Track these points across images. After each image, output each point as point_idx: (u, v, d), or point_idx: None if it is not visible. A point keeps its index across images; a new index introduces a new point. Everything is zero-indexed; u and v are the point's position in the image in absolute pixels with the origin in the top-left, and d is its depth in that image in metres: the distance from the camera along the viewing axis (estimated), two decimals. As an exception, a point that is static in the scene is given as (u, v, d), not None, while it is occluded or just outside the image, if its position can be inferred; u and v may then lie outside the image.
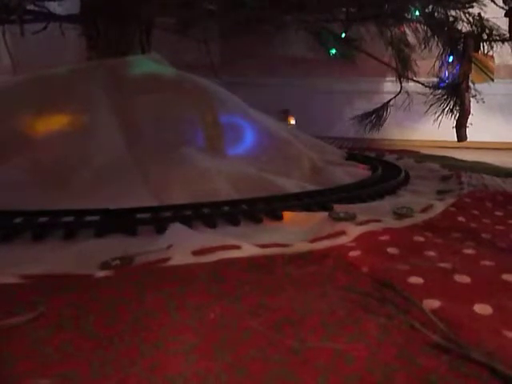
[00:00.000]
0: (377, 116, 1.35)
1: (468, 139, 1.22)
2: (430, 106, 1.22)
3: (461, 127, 1.21)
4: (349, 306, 0.33)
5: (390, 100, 1.35)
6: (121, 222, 0.53)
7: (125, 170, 0.70)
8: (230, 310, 0.33)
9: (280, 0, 0.99)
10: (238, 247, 0.43)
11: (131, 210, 0.56)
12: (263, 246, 0.44)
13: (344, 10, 1.16)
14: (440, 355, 0.27)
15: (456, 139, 1.22)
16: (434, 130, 1.27)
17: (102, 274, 0.38)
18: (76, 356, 0.27)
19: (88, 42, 1.04)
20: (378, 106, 1.36)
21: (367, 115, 1.36)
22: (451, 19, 1.12)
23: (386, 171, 0.90)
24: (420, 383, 0.25)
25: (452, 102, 1.20)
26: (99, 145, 0.76)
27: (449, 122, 1.22)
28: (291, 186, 0.73)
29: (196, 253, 0.42)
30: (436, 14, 1.11)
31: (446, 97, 1.20)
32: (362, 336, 0.29)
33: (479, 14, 1.10)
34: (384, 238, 0.48)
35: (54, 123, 0.79)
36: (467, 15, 1.10)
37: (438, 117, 1.22)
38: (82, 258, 0.43)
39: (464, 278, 0.37)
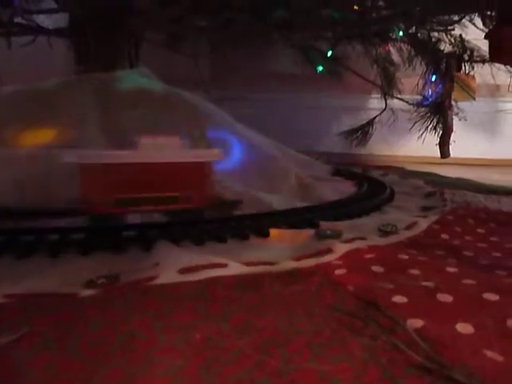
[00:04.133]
0: (363, 132, 1.38)
1: (451, 155, 1.24)
2: (415, 124, 1.24)
3: (444, 144, 1.24)
4: (334, 326, 0.34)
5: (375, 117, 1.38)
6: (107, 239, 0.52)
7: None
8: (217, 330, 0.33)
9: (269, 18, 1.01)
10: (224, 265, 0.43)
11: (117, 227, 0.56)
12: (250, 264, 0.45)
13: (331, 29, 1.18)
14: (423, 376, 0.28)
15: (439, 155, 1.25)
16: (418, 146, 1.30)
17: (87, 293, 0.38)
18: (60, 378, 0.27)
19: (76, 56, 1.04)
20: (364, 122, 1.38)
21: (353, 131, 1.38)
22: (434, 40, 1.16)
23: (371, 187, 0.92)
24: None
25: (435, 120, 1.23)
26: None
27: (432, 139, 1.25)
28: (278, 202, 0.73)
29: (183, 271, 0.42)
30: (419, 34, 1.14)
31: (429, 114, 1.23)
32: (347, 357, 0.29)
33: (460, 35, 1.14)
34: (369, 255, 0.49)
35: (41, 138, 0.79)
36: (449, 36, 1.14)
37: (422, 134, 1.24)
38: (66, 276, 0.43)
39: (446, 297, 0.38)
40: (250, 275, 0.43)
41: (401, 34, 1.13)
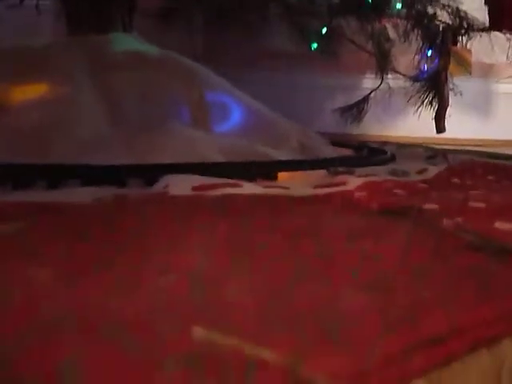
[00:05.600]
0: (358, 109, 1.36)
1: (445, 134, 1.24)
2: (410, 98, 1.24)
3: (440, 119, 1.24)
4: (367, 223, 0.31)
5: (370, 93, 1.37)
6: (108, 173, 0.49)
7: (107, 142, 0.67)
8: (240, 227, 0.30)
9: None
10: (239, 185, 0.41)
11: (119, 166, 0.53)
12: (266, 186, 0.42)
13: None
14: (474, 252, 0.26)
15: (435, 132, 1.25)
16: (413, 125, 1.29)
17: (96, 202, 0.35)
18: (78, 255, 0.24)
19: (67, 23, 1.00)
20: (359, 98, 1.37)
21: (348, 108, 1.37)
22: (430, 13, 1.15)
23: (371, 152, 0.90)
24: (458, 273, 0.23)
25: (431, 94, 1.23)
26: (80, 117, 0.72)
27: (428, 117, 1.24)
28: (284, 156, 0.71)
29: (196, 188, 0.39)
30: (416, 6, 1.14)
31: (425, 89, 1.23)
32: (390, 240, 0.27)
33: (457, 7, 1.14)
34: (388, 184, 0.47)
35: (33, 93, 0.75)
36: (446, 8, 1.14)
37: (418, 108, 1.24)
38: (70, 197, 0.39)
39: (479, 204, 0.36)
40: (266, 196, 0.41)
41: (398, 6, 1.12)
